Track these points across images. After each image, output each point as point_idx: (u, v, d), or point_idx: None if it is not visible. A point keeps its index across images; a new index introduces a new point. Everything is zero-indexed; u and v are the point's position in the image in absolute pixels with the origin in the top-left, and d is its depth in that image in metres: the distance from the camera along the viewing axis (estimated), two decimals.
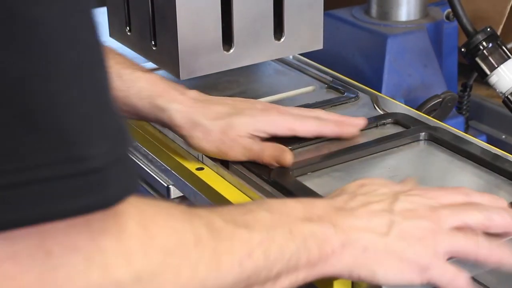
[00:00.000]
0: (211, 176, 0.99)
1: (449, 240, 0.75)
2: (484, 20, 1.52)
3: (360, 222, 0.75)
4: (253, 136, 0.98)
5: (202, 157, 1.02)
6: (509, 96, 1.26)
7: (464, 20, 1.29)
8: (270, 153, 0.96)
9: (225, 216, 0.69)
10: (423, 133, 1.05)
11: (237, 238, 0.67)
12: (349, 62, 1.39)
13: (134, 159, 1.13)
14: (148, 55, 1.18)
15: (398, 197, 0.78)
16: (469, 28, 1.29)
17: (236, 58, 1.14)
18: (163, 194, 1.08)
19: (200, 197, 1.00)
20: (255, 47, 1.15)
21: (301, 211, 0.74)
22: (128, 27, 1.20)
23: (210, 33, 1.10)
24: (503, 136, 1.45)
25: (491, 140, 1.47)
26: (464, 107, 1.40)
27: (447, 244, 0.75)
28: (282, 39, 1.17)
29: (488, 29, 1.28)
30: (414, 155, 1.03)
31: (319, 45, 1.21)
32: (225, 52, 1.13)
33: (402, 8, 1.40)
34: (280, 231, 0.70)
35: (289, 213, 0.73)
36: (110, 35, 1.27)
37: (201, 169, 1.01)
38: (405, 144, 1.04)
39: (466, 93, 1.39)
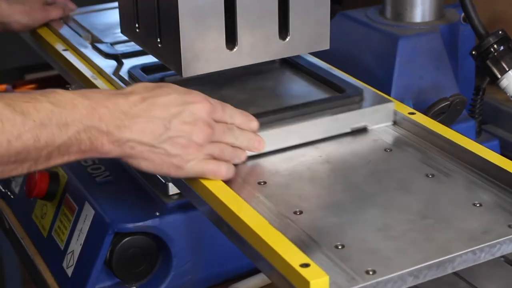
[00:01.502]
0: None
1: (207, 151, 0.96)
2: (502, 23, 1.50)
3: (136, 127, 0.93)
4: None
5: None
6: None
7: (476, 22, 1.28)
8: None
9: (8, 100, 0.86)
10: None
11: (9, 122, 0.85)
12: (361, 63, 1.38)
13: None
14: (154, 52, 1.19)
15: (183, 109, 0.95)
16: (481, 30, 1.27)
17: (239, 57, 1.14)
18: (162, 190, 1.09)
19: (193, 193, 1.00)
20: (259, 46, 1.15)
21: (86, 108, 0.91)
22: (137, 24, 1.21)
23: (213, 31, 1.11)
24: None
25: (505, 145, 1.45)
26: (477, 111, 1.38)
27: (205, 154, 0.96)
28: (287, 39, 1.17)
29: (500, 32, 1.26)
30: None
31: (325, 45, 1.20)
32: (228, 50, 1.13)
33: (417, 9, 1.39)
34: (55, 122, 0.88)
35: (73, 107, 0.90)
36: (122, 32, 1.28)
37: None
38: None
39: (479, 97, 1.37)
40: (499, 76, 1.26)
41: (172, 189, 1.07)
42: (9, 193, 1.34)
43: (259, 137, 1.03)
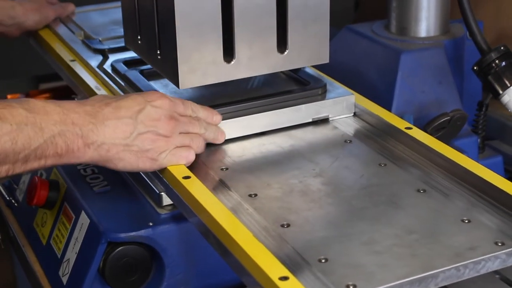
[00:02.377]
0: (195, 185, 1.00)
1: (177, 142, 1.04)
2: (509, 38, 1.50)
3: (108, 130, 0.99)
4: None
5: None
6: None
7: (479, 38, 1.27)
8: None
9: None
10: None
11: None
12: (364, 76, 1.38)
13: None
14: (154, 64, 1.20)
15: (145, 106, 1.02)
16: (483, 45, 1.27)
17: (237, 70, 1.15)
18: (156, 200, 1.10)
19: (184, 205, 1.01)
20: (257, 59, 1.16)
21: (58, 114, 0.96)
22: (139, 36, 1.23)
23: (211, 45, 1.12)
24: None
25: (509, 161, 1.44)
26: (480, 127, 1.37)
27: (175, 144, 1.04)
28: (285, 52, 1.17)
29: (502, 48, 1.26)
30: None
31: (325, 59, 1.21)
32: (226, 63, 1.14)
33: (421, 24, 1.39)
34: (31, 126, 0.93)
35: (47, 113, 0.95)
36: (126, 44, 1.30)
37: (188, 177, 1.02)
38: None
39: (482, 112, 1.37)
40: (500, 91, 1.25)
41: (166, 200, 1.08)
42: (13, 201, 1.35)
43: (222, 130, 1.12)
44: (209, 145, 1.13)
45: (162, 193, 1.08)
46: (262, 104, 1.18)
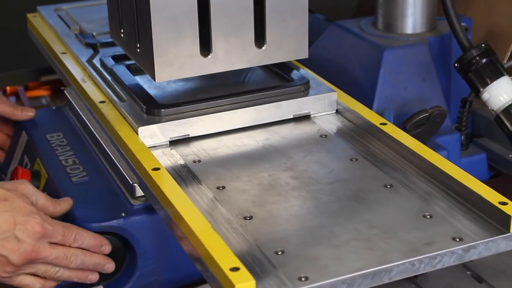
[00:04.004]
0: (163, 177, 1.02)
1: (26, 271, 1.03)
2: (499, 36, 1.49)
3: None
4: None
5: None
6: (500, 114, 1.23)
7: (460, 35, 1.27)
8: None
9: None
10: None
11: None
12: (349, 73, 1.39)
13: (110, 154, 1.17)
14: (134, 57, 1.22)
15: (12, 229, 1.00)
16: (465, 43, 1.27)
17: (214, 64, 1.16)
18: (130, 191, 1.12)
19: (152, 195, 1.02)
20: (234, 54, 1.17)
21: None
22: (122, 30, 1.25)
23: (187, 38, 1.13)
24: (510, 156, 1.41)
25: (496, 158, 1.43)
26: (464, 124, 1.37)
27: (24, 273, 1.04)
28: (263, 47, 1.18)
29: (483, 45, 1.25)
30: None
31: (304, 55, 1.21)
32: (202, 57, 1.15)
33: (407, 21, 1.39)
34: None
35: None
36: (111, 36, 1.32)
37: (157, 169, 1.03)
38: None
39: (466, 109, 1.36)
40: (480, 89, 1.25)
41: (139, 191, 1.09)
42: None
43: (108, 260, 1.09)
44: (185, 139, 1.15)
45: (135, 184, 1.09)
46: (243, 99, 1.19)
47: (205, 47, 1.15)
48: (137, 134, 1.12)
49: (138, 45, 1.18)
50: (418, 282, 1.08)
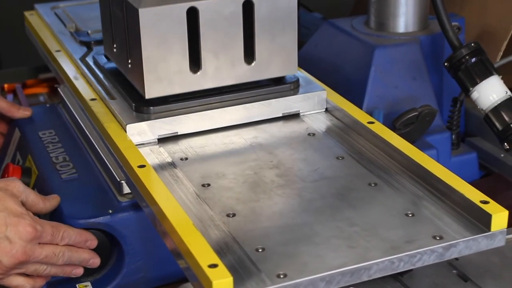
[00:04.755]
0: (148, 174, 1.02)
1: (17, 271, 1.04)
2: (491, 35, 1.49)
3: None
4: None
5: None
6: (489, 114, 1.24)
7: (450, 34, 1.27)
8: None
9: None
10: None
11: None
12: (341, 71, 1.39)
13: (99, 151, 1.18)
14: (126, 72, 1.22)
15: (3, 230, 1.00)
16: (455, 42, 1.27)
17: (203, 80, 1.17)
18: (117, 188, 1.12)
19: (137, 192, 1.03)
20: (224, 70, 1.17)
21: None
22: (114, 45, 1.25)
23: (177, 55, 1.14)
24: (502, 155, 1.42)
25: (488, 157, 1.43)
26: (455, 123, 1.37)
27: (14, 273, 1.04)
28: (253, 63, 1.19)
29: (473, 44, 1.25)
30: None
31: (293, 70, 1.22)
32: (192, 73, 1.16)
33: (399, 20, 1.39)
34: None
35: None
36: (105, 51, 1.33)
37: (143, 166, 1.04)
38: None
39: (457, 109, 1.36)
40: (470, 88, 1.25)
41: (126, 188, 1.10)
42: None
43: (93, 255, 1.09)
44: (174, 136, 1.16)
45: (122, 181, 1.10)
46: (232, 97, 1.20)
47: (195, 63, 1.16)
48: (126, 131, 1.13)
49: (129, 61, 1.19)
50: (404, 281, 1.08)
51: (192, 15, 1.13)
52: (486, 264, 1.11)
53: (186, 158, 1.11)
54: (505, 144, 1.22)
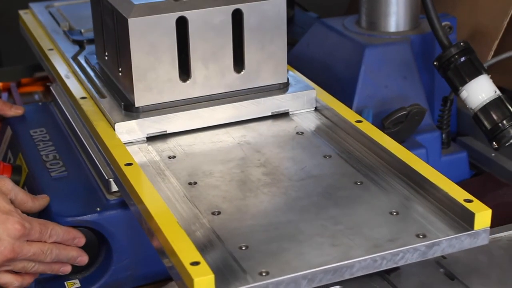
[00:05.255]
0: (135, 172, 1.03)
1: (5, 268, 1.04)
2: (482, 35, 1.50)
3: None
4: None
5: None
6: (478, 113, 1.24)
7: (440, 33, 1.27)
8: None
9: None
10: None
11: None
12: (332, 70, 1.39)
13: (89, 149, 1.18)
14: (117, 80, 1.23)
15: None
16: (444, 41, 1.27)
17: (193, 89, 1.18)
18: (106, 186, 1.13)
19: (124, 190, 1.03)
20: (213, 79, 1.18)
21: None
22: (106, 53, 1.26)
23: (166, 64, 1.15)
24: (493, 154, 1.42)
25: (478, 157, 1.44)
26: (445, 122, 1.37)
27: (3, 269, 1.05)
28: (242, 72, 1.19)
29: (462, 44, 1.26)
30: None
31: (283, 78, 1.23)
32: (181, 82, 1.16)
33: (390, 19, 1.39)
34: None
35: None
36: (97, 59, 1.34)
37: (130, 164, 1.04)
38: None
39: (447, 108, 1.37)
40: (459, 87, 1.25)
41: (114, 186, 1.10)
42: None
43: (81, 253, 1.10)
44: (163, 135, 1.16)
45: (111, 179, 1.11)
46: (221, 96, 1.20)
47: (184, 72, 1.17)
48: (114, 130, 1.14)
49: (119, 69, 1.20)
50: (391, 279, 1.08)
51: (182, 25, 1.14)
52: (473, 263, 1.11)
53: (174, 157, 1.11)
54: (494, 143, 1.23)
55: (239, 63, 1.20)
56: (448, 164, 1.36)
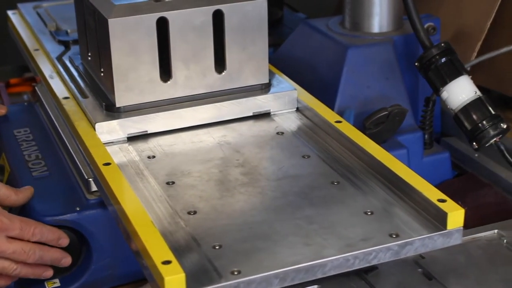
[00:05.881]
0: (112, 171, 1.03)
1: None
2: (466, 35, 1.50)
3: None
4: None
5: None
6: (458, 113, 1.24)
7: (421, 33, 1.28)
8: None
9: None
10: None
11: None
12: (316, 71, 1.40)
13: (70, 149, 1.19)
14: (99, 80, 1.24)
15: None
16: (425, 42, 1.28)
17: (174, 89, 1.18)
18: (86, 186, 1.13)
19: (102, 190, 1.04)
20: (194, 79, 1.19)
21: None
22: (89, 53, 1.27)
23: (147, 65, 1.15)
24: (476, 155, 1.42)
25: (462, 157, 1.44)
26: (427, 122, 1.38)
27: None
28: (224, 72, 1.20)
29: (443, 44, 1.26)
30: None
31: (264, 79, 1.23)
32: (162, 82, 1.17)
33: (374, 20, 1.40)
34: None
35: None
36: (81, 59, 1.35)
37: (108, 164, 1.05)
38: None
39: (429, 108, 1.37)
40: (440, 88, 1.26)
41: (94, 186, 1.11)
42: None
43: (65, 254, 1.10)
44: (144, 135, 1.16)
45: (90, 179, 1.11)
46: (203, 96, 1.21)
47: (166, 72, 1.18)
48: (95, 130, 1.14)
49: (101, 69, 1.20)
50: (369, 279, 1.09)
51: (163, 25, 1.15)
52: (451, 263, 1.11)
53: (154, 156, 1.12)
54: (474, 143, 1.23)
55: (220, 64, 1.20)
56: (431, 165, 1.36)
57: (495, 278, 1.08)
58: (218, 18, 1.18)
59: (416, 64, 1.28)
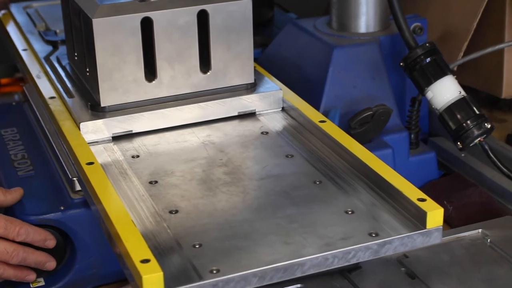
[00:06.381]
0: (95, 171, 1.03)
1: None
2: (453, 36, 1.51)
3: None
4: None
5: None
6: (442, 113, 1.25)
7: (406, 33, 1.28)
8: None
9: None
10: None
11: None
12: (303, 71, 1.40)
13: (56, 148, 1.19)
14: (85, 80, 1.24)
15: None
16: (410, 41, 1.28)
17: (159, 89, 1.18)
18: (70, 185, 1.14)
19: (85, 189, 1.04)
20: (179, 79, 1.19)
21: None
22: (75, 53, 1.27)
23: (132, 65, 1.16)
24: (462, 155, 1.43)
25: (449, 157, 1.45)
26: (413, 122, 1.38)
27: None
28: (208, 73, 1.20)
29: (427, 44, 1.26)
30: None
31: (249, 79, 1.23)
32: (147, 82, 1.17)
33: (360, 20, 1.40)
34: None
35: None
36: (68, 59, 1.35)
37: (91, 163, 1.05)
38: None
39: (415, 108, 1.37)
40: (424, 88, 1.26)
41: (78, 185, 1.11)
42: None
43: (49, 258, 1.10)
44: (129, 135, 1.17)
45: (74, 179, 1.11)
46: (188, 96, 1.21)
47: (150, 72, 1.18)
48: (80, 129, 1.15)
49: (87, 69, 1.20)
50: (352, 278, 1.09)
51: (147, 25, 1.15)
52: (435, 262, 1.12)
53: (138, 156, 1.12)
54: (459, 143, 1.23)
55: (205, 64, 1.20)
56: (417, 165, 1.36)
57: (478, 277, 1.09)
58: (202, 18, 1.18)
59: (401, 64, 1.28)
